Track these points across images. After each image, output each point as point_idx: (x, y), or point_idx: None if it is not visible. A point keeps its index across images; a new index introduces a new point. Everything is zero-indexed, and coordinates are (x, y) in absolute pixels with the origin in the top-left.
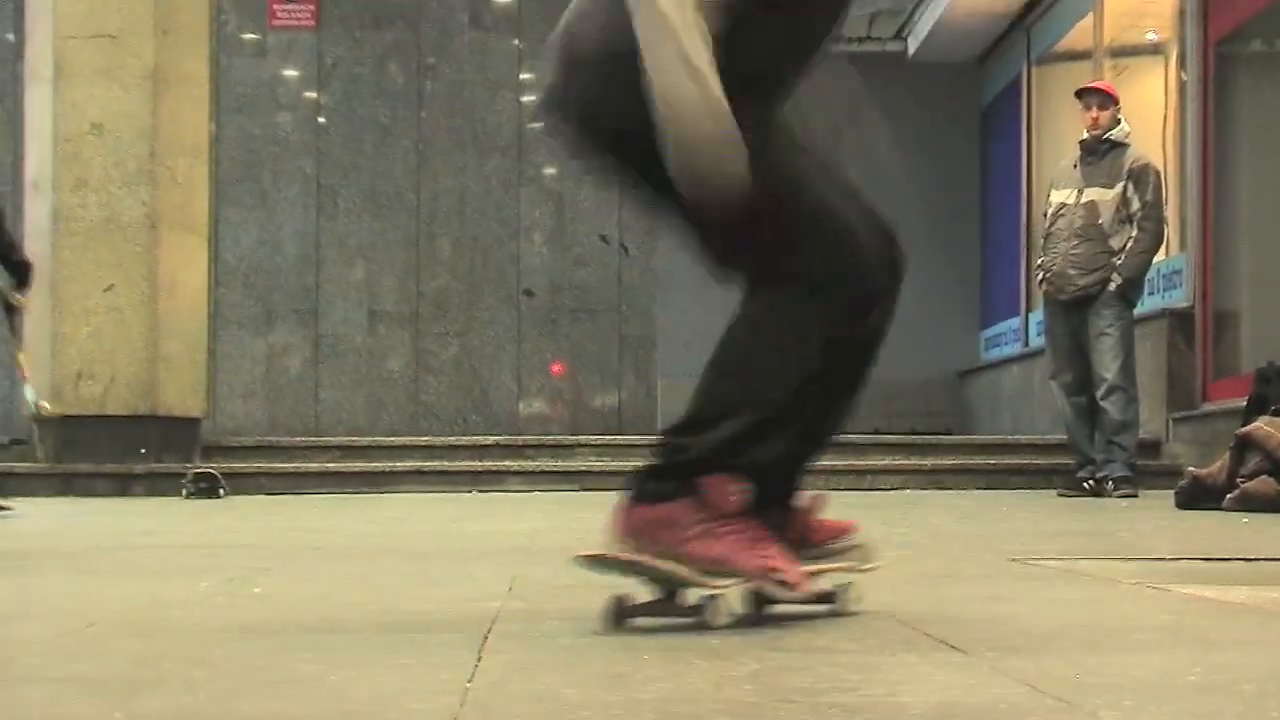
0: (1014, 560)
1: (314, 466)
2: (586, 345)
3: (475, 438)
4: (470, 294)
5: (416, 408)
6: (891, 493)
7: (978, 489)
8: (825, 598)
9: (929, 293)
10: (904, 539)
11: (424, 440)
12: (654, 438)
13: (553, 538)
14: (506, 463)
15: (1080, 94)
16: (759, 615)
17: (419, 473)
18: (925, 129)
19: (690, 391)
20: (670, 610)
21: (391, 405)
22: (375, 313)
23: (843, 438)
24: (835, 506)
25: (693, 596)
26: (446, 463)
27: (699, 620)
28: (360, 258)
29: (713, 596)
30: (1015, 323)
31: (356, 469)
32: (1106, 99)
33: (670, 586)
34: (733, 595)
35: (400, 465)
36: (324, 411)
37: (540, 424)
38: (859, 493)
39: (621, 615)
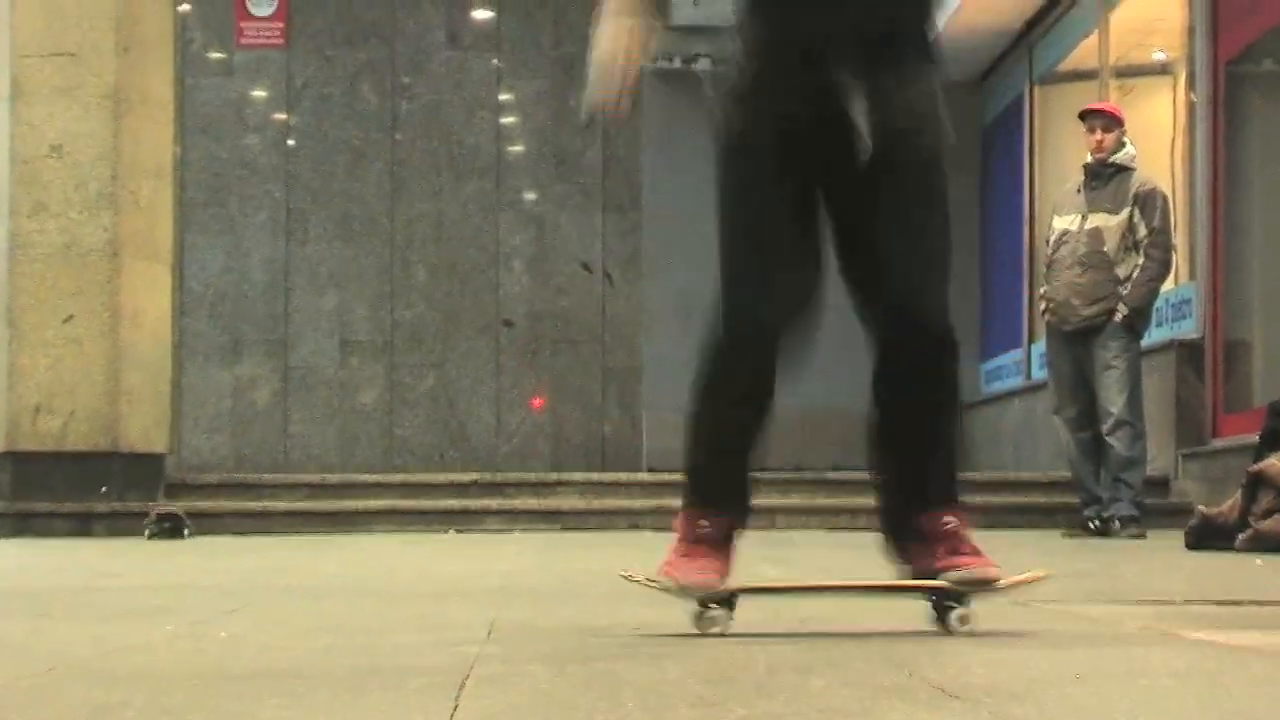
0: (1016, 603)
1: (283, 505)
2: (568, 377)
3: (452, 474)
4: (447, 324)
5: (391, 443)
6: None
7: (978, 528)
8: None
9: None
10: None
11: (399, 477)
12: (640, 475)
13: (533, 579)
14: (485, 501)
15: (1083, 115)
16: (748, 657)
17: (393, 511)
18: None
19: (678, 425)
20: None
21: (365, 440)
22: (347, 343)
23: (836, 476)
24: (829, 546)
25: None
26: (422, 501)
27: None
28: (332, 285)
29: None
30: (1017, 354)
31: (328, 508)
32: (1111, 121)
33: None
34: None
35: (374, 504)
36: (294, 447)
37: (520, 461)
38: (853, 532)
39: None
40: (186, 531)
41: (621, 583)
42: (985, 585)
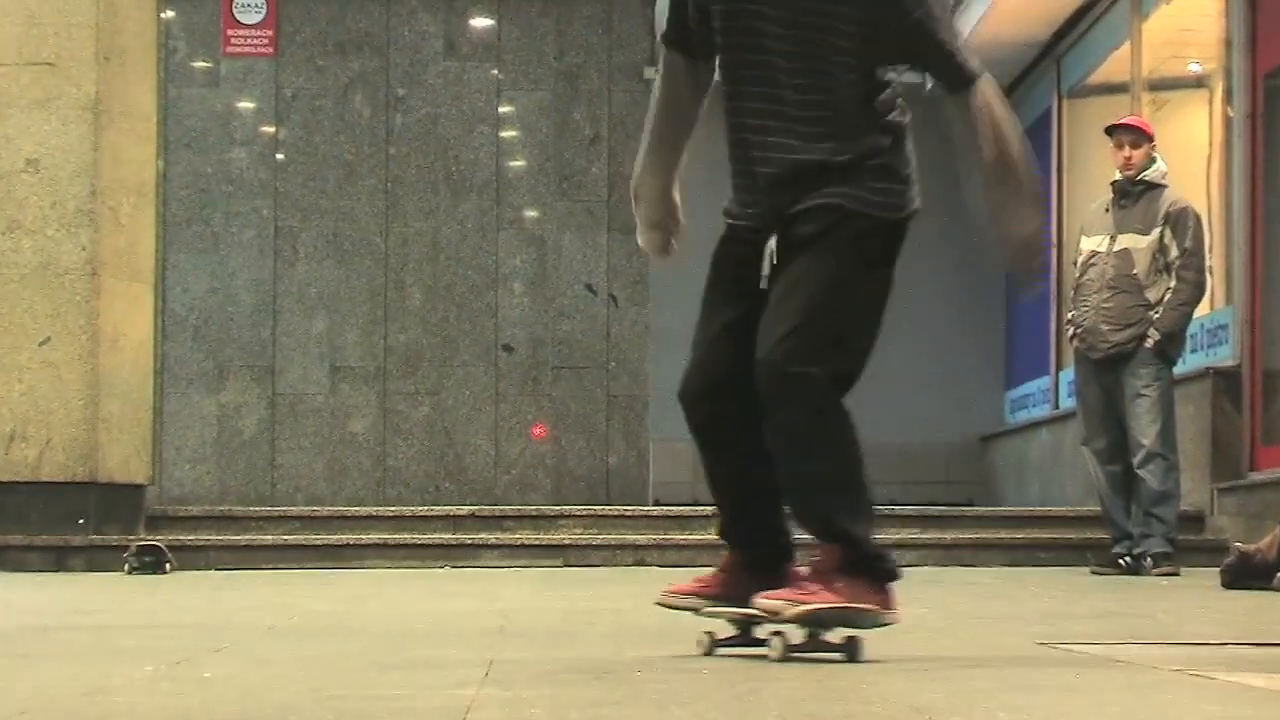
0: (1042, 644)
1: (270, 539)
2: (571, 406)
3: (448, 507)
4: (443, 349)
5: (383, 474)
6: (906, 569)
7: (1002, 566)
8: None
9: (948, 349)
10: (919, 621)
11: (392, 510)
12: (646, 508)
13: (533, 618)
14: (483, 535)
15: (1110, 131)
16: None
17: (386, 546)
18: (945, 168)
19: (683, 455)
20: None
21: (356, 471)
22: (338, 369)
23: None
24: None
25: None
26: (416, 535)
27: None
28: (322, 308)
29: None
30: (1044, 382)
31: (317, 541)
32: (1140, 136)
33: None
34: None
35: (365, 538)
36: (281, 478)
37: (520, 492)
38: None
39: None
40: (168, 566)
41: (625, 620)
42: (774, 617)
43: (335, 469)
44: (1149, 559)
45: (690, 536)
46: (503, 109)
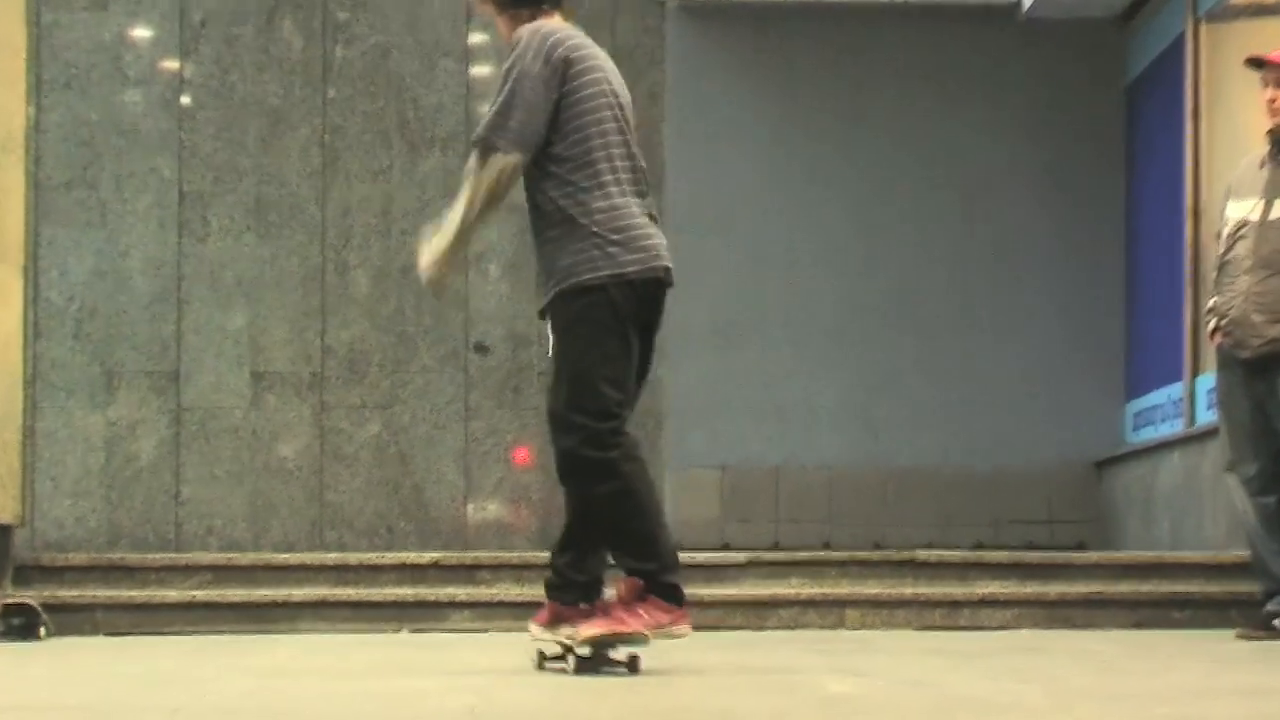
0: None
1: (174, 595)
2: None
3: (405, 555)
4: (397, 349)
5: (321, 512)
6: (999, 633)
7: (1123, 628)
8: None
9: (1049, 350)
10: (1018, 700)
11: (332, 557)
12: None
13: (516, 698)
14: (450, 589)
15: (1254, 64)
16: None
17: (325, 604)
18: (1046, 113)
19: (709, 484)
20: None
21: (285, 509)
22: (262, 376)
23: (929, 557)
24: (919, 652)
25: None
26: (365, 590)
27: None
28: (240, 297)
29: None
30: (1176, 391)
31: (236, 598)
32: None
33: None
34: None
35: (299, 593)
36: (188, 517)
37: (497, 535)
38: (953, 632)
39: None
40: (43, 630)
41: (637, 701)
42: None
43: (258, 505)
44: None
45: (718, 591)
46: (473, 39)
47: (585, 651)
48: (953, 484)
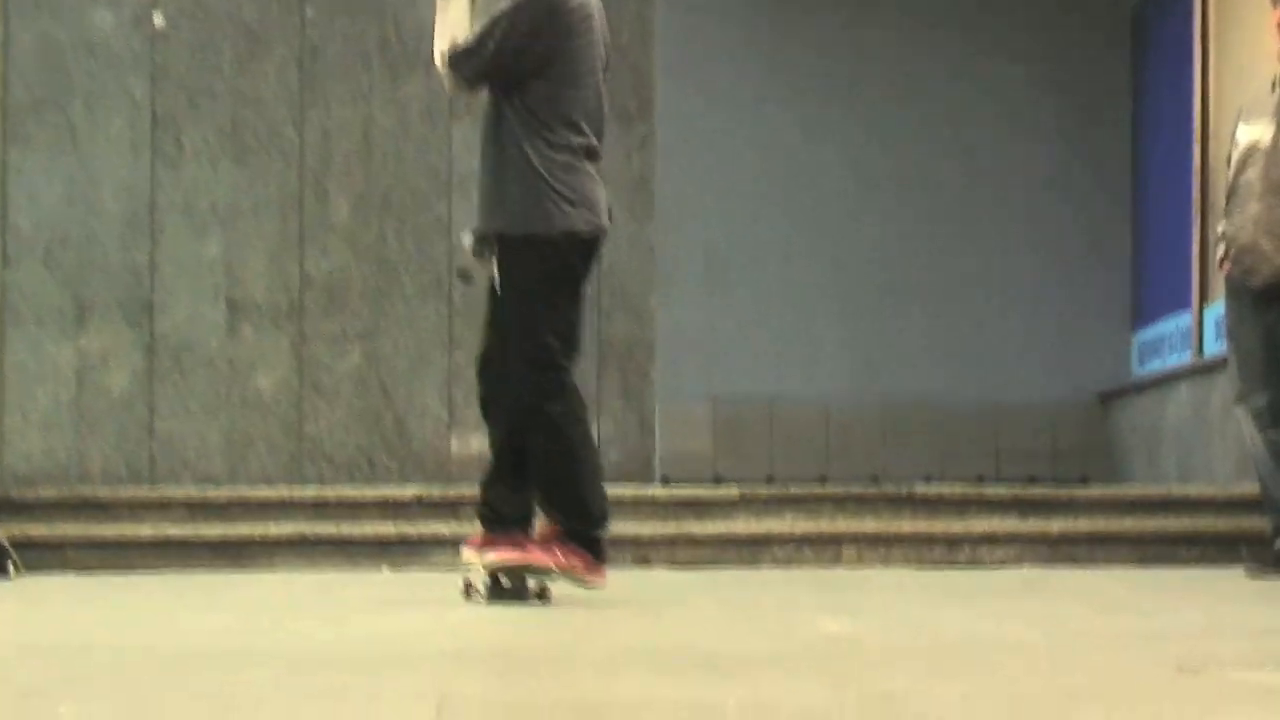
0: (1184, 671)
1: (147, 532)
2: None
3: (386, 490)
4: (379, 278)
5: (299, 446)
6: (1000, 571)
7: (1128, 566)
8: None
9: (1054, 279)
10: (1020, 640)
11: (311, 493)
12: (651, 490)
13: (499, 638)
14: (433, 526)
15: None
16: None
17: (304, 541)
18: (1049, 38)
19: (700, 419)
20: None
21: (262, 443)
22: (238, 305)
23: (926, 491)
24: (916, 589)
25: None
26: (344, 526)
27: None
28: (216, 224)
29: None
30: (1184, 321)
31: (211, 536)
32: None
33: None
34: None
35: (276, 530)
36: (163, 451)
37: (481, 469)
38: (952, 569)
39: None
40: (12, 569)
41: (621, 641)
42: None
43: (235, 439)
44: None
45: (710, 528)
46: None
47: (499, 579)
48: (953, 417)
